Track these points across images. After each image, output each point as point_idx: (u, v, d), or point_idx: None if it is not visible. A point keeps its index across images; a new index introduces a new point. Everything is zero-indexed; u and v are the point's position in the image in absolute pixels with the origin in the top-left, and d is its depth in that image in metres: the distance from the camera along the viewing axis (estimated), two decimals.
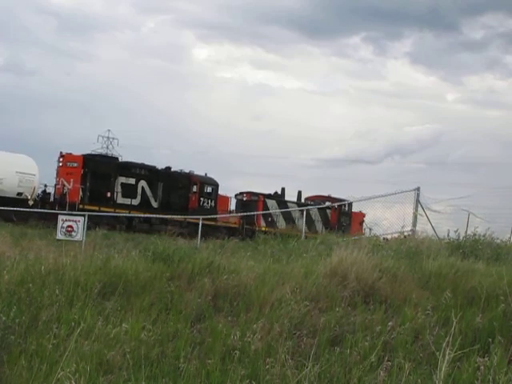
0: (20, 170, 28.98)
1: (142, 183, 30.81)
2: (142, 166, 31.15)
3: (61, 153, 29.36)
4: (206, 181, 33.54)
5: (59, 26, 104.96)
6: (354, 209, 36.74)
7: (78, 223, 16.61)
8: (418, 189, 17.37)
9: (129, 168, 30.83)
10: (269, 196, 36.52)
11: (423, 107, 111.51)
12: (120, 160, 31.64)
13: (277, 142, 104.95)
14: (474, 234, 13.21)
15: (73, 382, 5.04)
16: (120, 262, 8.66)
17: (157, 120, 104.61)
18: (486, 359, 5.57)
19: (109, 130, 76.06)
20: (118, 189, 29.91)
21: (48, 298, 7.12)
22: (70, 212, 19.08)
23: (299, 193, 38.97)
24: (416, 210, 17.34)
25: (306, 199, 39.20)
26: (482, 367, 5.43)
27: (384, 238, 16.76)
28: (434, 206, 19.30)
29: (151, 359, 5.85)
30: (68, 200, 27.15)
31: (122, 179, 30.14)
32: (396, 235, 16.70)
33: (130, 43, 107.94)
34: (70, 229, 16.46)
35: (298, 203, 37.06)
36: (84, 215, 17.63)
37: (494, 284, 8.01)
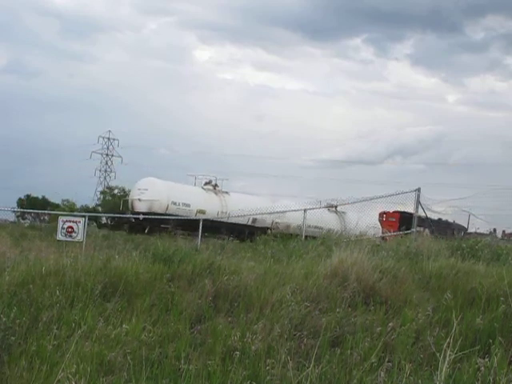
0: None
1: (426, 230, 39.82)
2: (425, 218, 37.86)
3: (384, 211, 36.87)
4: (459, 227, 41.23)
5: (62, 28, 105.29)
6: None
7: (79, 224, 16.60)
8: (418, 190, 17.38)
9: (421, 220, 37.05)
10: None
11: (424, 108, 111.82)
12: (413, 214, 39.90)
13: (278, 143, 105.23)
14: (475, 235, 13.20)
15: (73, 382, 5.05)
16: (120, 262, 8.66)
17: (158, 120, 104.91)
18: (487, 360, 5.57)
19: (109, 131, 76.44)
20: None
21: (48, 299, 7.12)
22: (71, 213, 19.05)
23: (503, 231, 44.79)
24: (416, 211, 17.35)
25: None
26: (482, 368, 5.43)
27: (383, 238, 16.78)
28: (434, 207, 19.34)
29: (152, 360, 5.85)
30: None
31: (418, 228, 37.47)
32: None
33: (132, 45, 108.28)
34: (70, 229, 16.45)
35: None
36: (84, 216, 17.63)
37: (494, 285, 8.01)
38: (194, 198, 34.31)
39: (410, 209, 17.88)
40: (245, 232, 28.13)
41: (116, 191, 57.46)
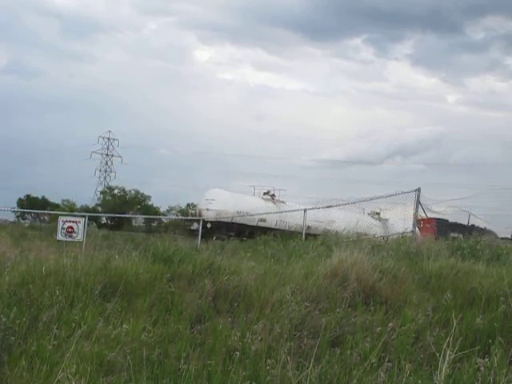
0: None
1: (460, 236, 40.16)
2: (457, 224, 40.09)
3: (421, 217, 37.26)
4: (491, 232, 42.90)
5: (62, 28, 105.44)
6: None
7: (79, 224, 16.61)
8: (418, 190, 17.38)
9: (455, 226, 39.77)
10: None
11: (424, 108, 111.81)
12: (449, 221, 40.95)
13: (278, 143, 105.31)
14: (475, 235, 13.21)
15: (73, 382, 5.05)
16: (120, 262, 8.65)
17: (158, 120, 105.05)
18: (487, 360, 5.57)
19: (109, 131, 76.53)
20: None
21: (48, 299, 7.11)
22: (71, 213, 19.07)
23: None
24: (416, 211, 17.35)
25: None
26: (482, 368, 5.43)
27: (384, 238, 16.76)
28: (434, 207, 19.33)
29: (152, 360, 5.85)
30: None
31: (452, 234, 39.64)
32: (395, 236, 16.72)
33: (132, 45, 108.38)
34: (70, 230, 16.46)
35: None
36: (84, 216, 17.64)
37: (494, 285, 8.01)
38: (256, 208, 36.83)
39: (411, 209, 17.86)
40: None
41: (116, 191, 57.53)
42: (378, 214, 40.36)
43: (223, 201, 36.94)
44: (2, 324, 6.16)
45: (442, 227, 40.13)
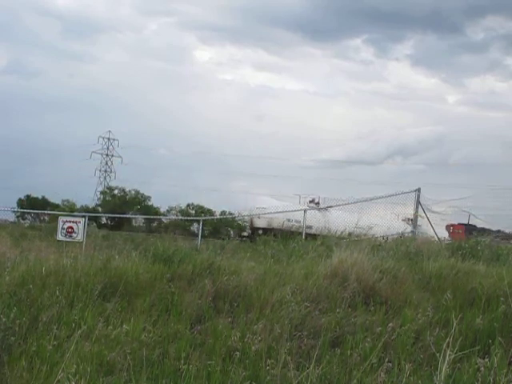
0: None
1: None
2: (484, 229, 40.25)
3: (450, 224, 37.22)
4: (507, 236, 42.83)
5: (62, 28, 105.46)
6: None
7: (79, 224, 16.61)
8: (418, 190, 17.38)
9: (482, 231, 38.28)
10: None
11: (424, 109, 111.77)
12: (477, 226, 41.15)
13: (278, 143, 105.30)
14: (475, 235, 13.20)
15: (73, 383, 5.04)
16: (120, 262, 8.65)
17: (158, 120, 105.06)
18: (487, 360, 5.57)
19: (109, 131, 76.62)
20: None
21: (48, 299, 7.11)
22: (71, 213, 19.06)
23: None
24: (416, 212, 17.34)
25: None
26: (482, 368, 5.43)
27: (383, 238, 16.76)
28: (434, 207, 19.32)
29: (152, 360, 5.85)
30: None
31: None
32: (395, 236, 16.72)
33: (133, 45, 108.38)
34: (70, 230, 16.46)
35: None
36: (84, 216, 17.64)
37: (494, 285, 8.01)
38: (303, 216, 37.90)
39: (410, 208, 17.87)
40: None
41: (116, 191, 57.57)
42: (412, 219, 41.19)
43: (273, 209, 38.45)
44: (2, 324, 6.16)
45: (471, 232, 40.31)
